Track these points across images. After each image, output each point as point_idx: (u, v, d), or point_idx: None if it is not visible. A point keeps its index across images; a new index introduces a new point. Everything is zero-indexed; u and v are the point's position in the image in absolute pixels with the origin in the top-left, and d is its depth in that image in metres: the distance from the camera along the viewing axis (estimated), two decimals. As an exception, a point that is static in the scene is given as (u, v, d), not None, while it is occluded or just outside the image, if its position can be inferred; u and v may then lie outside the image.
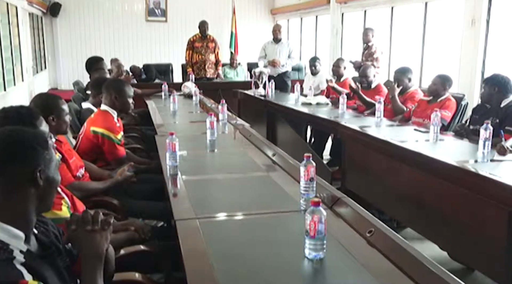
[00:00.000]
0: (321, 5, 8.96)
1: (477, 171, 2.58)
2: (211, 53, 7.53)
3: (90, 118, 3.14)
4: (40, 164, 1.24)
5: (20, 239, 1.19)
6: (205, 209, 1.98)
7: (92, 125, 3.02)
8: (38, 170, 1.23)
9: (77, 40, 10.77)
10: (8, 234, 1.18)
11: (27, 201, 1.23)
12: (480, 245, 2.52)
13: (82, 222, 1.33)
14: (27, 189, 1.23)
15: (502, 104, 3.37)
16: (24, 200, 1.23)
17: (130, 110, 3.33)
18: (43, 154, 1.26)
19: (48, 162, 1.28)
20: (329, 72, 6.50)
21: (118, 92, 3.14)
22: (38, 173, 1.23)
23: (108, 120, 3.06)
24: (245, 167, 2.71)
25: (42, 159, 1.25)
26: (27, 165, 1.23)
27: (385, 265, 1.49)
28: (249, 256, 1.58)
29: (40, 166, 1.24)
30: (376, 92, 4.97)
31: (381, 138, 3.46)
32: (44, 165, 1.26)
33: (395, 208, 3.34)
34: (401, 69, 4.55)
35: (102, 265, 1.34)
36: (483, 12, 5.26)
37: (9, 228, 1.18)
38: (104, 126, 2.99)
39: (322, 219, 1.46)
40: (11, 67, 7.06)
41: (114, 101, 3.13)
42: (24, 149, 1.24)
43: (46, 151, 1.28)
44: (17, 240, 1.19)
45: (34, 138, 1.28)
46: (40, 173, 1.24)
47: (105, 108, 3.14)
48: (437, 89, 4.01)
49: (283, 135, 5.55)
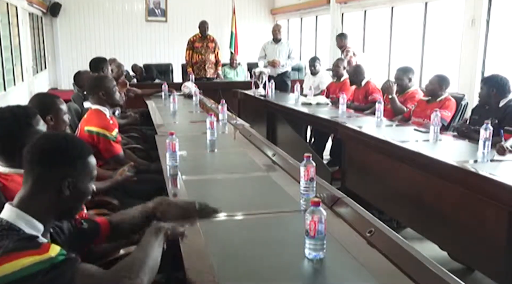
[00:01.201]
0: (321, 5, 8.96)
1: (477, 171, 2.58)
2: (211, 53, 7.53)
3: (84, 119, 3.13)
4: (71, 174, 1.30)
5: (39, 231, 1.26)
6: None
7: (86, 125, 3.01)
8: (67, 179, 1.29)
9: (77, 40, 10.77)
10: (28, 224, 1.25)
11: (50, 205, 1.30)
12: (480, 245, 2.52)
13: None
14: (52, 194, 1.29)
15: (500, 104, 3.37)
16: (47, 202, 1.29)
17: (121, 102, 3.31)
18: (78, 165, 1.32)
19: (83, 174, 1.33)
20: (329, 72, 6.51)
21: (103, 88, 3.12)
22: (67, 182, 1.29)
23: (102, 118, 3.06)
24: (245, 167, 2.71)
25: (75, 170, 1.31)
26: (58, 171, 1.30)
27: (385, 265, 1.49)
28: (249, 256, 1.58)
29: (71, 176, 1.30)
30: (365, 89, 5.11)
31: (381, 138, 3.46)
32: (76, 176, 1.31)
33: (395, 208, 3.34)
34: (403, 68, 4.56)
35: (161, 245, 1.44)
36: (483, 12, 5.26)
37: (31, 218, 1.26)
38: (98, 124, 2.99)
39: (322, 219, 1.46)
40: (11, 67, 7.05)
41: (102, 98, 3.12)
42: (61, 155, 1.31)
43: (84, 162, 1.34)
44: (35, 231, 1.25)
45: (78, 149, 1.34)
46: (69, 182, 1.29)
47: (97, 107, 3.12)
48: (434, 89, 4.02)
49: (283, 135, 5.55)
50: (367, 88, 5.10)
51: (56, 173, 1.29)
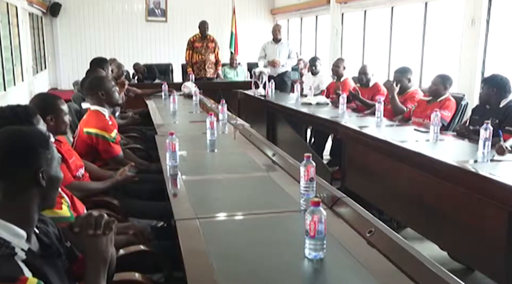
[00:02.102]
0: (321, 5, 8.96)
1: (477, 171, 2.58)
2: (211, 53, 7.53)
3: (83, 120, 3.13)
4: (42, 164, 1.24)
5: (22, 238, 1.19)
6: (205, 209, 1.98)
7: (85, 126, 3.01)
8: (41, 171, 1.23)
9: (77, 40, 10.77)
10: (10, 232, 1.17)
11: (30, 200, 1.23)
12: (480, 245, 2.52)
13: (85, 225, 1.32)
14: (29, 190, 1.23)
15: (501, 105, 3.37)
16: (27, 200, 1.23)
17: (120, 101, 3.31)
18: (44, 154, 1.26)
19: (50, 161, 1.27)
20: (329, 72, 6.50)
21: (102, 88, 3.13)
22: (41, 174, 1.23)
23: (100, 120, 3.05)
24: (245, 167, 2.71)
25: (43, 159, 1.25)
26: (29, 167, 1.22)
27: (385, 265, 1.49)
28: (249, 256, 1.58)
29: (42, 166, 1.24)
30: (373, 91, 5.04)
31: (381, 138, 3.46)
32: (46, 165, 1.25)
33: (395, 208, 3.34)
34: (400, 69, 4.56)
35: (106, 269, 1.34)
36: (483, 12, 5.25)
37: (11, 226, 1.18)
38: (96, 126, 2.99)
39: (322, 219, 1.46)
40: (11, 67, 7.05)
41: (101, 98, 3.12)
42: (25, 151, 1.23)
43: (47, 150, 1.27)
44: (19, 238, 1.18)
45: (34, 139, 1.27)
46: (43, 173, 1.23)
47: (95, 108, 3.12)
48: (438, 89, 4.01)
49: (283, 135, 5.55)
50: (376, 90, 5.04)
51: (30, 167, 1.22)
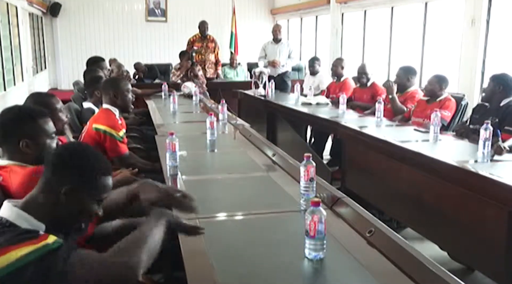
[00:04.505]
0: (321, 5, 8.96)
1: (477, 171, 2.58)
2: (211, 53, 7.54)
3: (93, 117, 3.19)
4: (73, 183, 1.33)
5: (41, 230, 1.26)
6: (205, 209, 1.97)
7: (94, 123, 3.06)
8: (68, 187, 1.32)
9: (77, 40, 10.76)
10: (30, 224, 1.27)
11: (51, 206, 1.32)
12: (480, 245, 2.52)
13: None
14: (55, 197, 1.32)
15: (501, 104, 3.37)
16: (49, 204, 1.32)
17: (130, 107, 3.33)
18: (91, 180, 1.36)
19: (89, 187, 1.36)
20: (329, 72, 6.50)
21: (116, 89, 3.17)
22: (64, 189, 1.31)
23: (110, 118, 3.09)
24: (245, 167, 2.71)
25: (82, 181, 1.35)
26: (61, 179, 1.33)
27: (385, 265, 1.49)
28: (249, 256, 1.58)
29: (72, 185, 1.32)
30: (372, 91, 5.08)
31: (381, 138, 3.46)
32: (80, 188, 1.34)
33: (395, 208, 3.34)
34: (405, 68, 4.57)
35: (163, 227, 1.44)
36: (483, 12, 5.25)
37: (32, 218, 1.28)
38: (106, 123, 3.03)
39: (322, 219, 1.46)
40: (11, 67, 7.05)
41: (113, 99, 3.16)
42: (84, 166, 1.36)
43: (97, 177, 1.37)
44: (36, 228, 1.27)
45: (100, 165, 1.39)
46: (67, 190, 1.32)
47: (107, 107, 3.18)
48: (433, 89, 4.02)
49: (283, 135, 5.55)
50: (374, 90, 5.07)
51: (59, 179, 1.32)
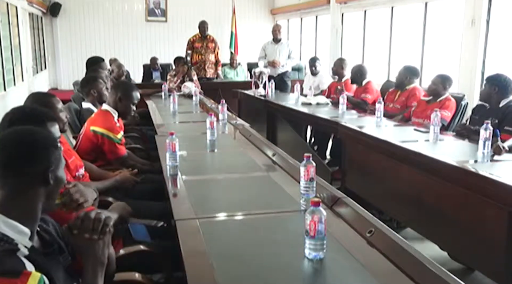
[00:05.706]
0: (321, 5, 8.96)
1: (477, 171, 2.58)
2: (211, 53, 7.54)
3: (91, 118, 3.15)
4: (51, 164, 1.27)
5: (26, 235, 1.20)
6: (205, 209, 1.98)
7: (92, 125, 3.03)
8: (50, 169, 1.26)
9: (77, 40, 10.77)
10: (14, 230, 1.18)
11: (36, 198, 1.25)
12: (480, 245, 2.52)
13: (82, 228, 1.34)
14: (37, 188, 1.25)
15: (501, 104, 3.37)
16: (34, 199, 1.25)
17: (129, 116, 3.33)
18: (54, 154, 1.29)
19: (58, 161, 1.30)
20: (329, 72, 6.51)
21: (123, 94, 3.14)
22: (50, 172, 1.26)
23: (108, 120, 3.07)
24: (245, 167, 2.71)
25: (53, 159, 1.28)
26: (40, 165, 1.25)
27: (385, 265, 1.49)
28: (249, 256, 1.58)
29: (52, 166, 1.27)
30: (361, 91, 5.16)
31: (381, 138, 3.46)
32: (55, 165, 1.28)
33: (395, 208, 3.34)
34: (410, 67, 4.62)
35: (103, 271, 1.35)
36: (483, 12, 5.26)
37: (16, 224, 1.19)
38: (104, 126, 3.00)
39: (322, 219, 1.46)
40: (11, 67, 7.05)
41: (117, 102, 3.14)
42: (37, 149, 1.26)
43: (56, 150, 1.30)
44: (22, 236, 1.19)
45: (46, 139, 1.31)
46: (51, 172, 1.26)
47: (106, 108, 3.15)
48: (437, 88, 4.02)
49: (283, 135, 5.55)
50: (365, 88, 5.12)
51: (41, 165, 1.24)
